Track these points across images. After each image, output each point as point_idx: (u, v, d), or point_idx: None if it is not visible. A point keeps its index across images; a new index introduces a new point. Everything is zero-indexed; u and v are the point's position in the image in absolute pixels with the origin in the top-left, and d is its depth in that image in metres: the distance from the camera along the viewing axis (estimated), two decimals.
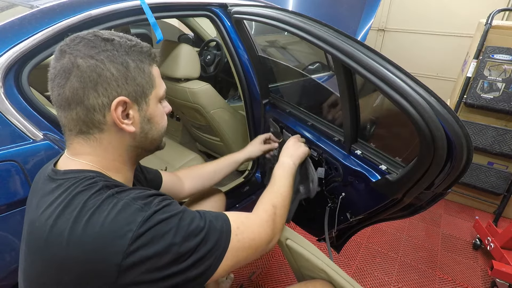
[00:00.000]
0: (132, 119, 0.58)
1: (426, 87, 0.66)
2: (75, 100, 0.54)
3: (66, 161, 0.60)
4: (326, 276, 0.90)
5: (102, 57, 0.53)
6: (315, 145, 1.11)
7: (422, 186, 0.77)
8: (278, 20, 0.95)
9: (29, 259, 0.55)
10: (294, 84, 1.44)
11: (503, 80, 1.84)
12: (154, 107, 0.62)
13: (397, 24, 3.35)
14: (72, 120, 0.56)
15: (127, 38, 0.58)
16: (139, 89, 0.58)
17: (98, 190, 0.52)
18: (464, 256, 1.82)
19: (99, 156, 0.59)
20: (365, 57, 0.71)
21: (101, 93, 0.54)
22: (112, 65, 0.54)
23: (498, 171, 2.00)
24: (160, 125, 0.65)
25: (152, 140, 0.64)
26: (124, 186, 0.57)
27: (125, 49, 0.56)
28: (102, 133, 0.57)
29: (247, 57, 1.42)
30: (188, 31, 2.75)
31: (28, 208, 0.61)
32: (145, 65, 0.59)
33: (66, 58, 0.53)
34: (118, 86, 0.55)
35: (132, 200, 0.52)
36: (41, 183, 0.60)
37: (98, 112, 0.55)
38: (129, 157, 0.63)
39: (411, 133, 0.72)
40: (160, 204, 0.54)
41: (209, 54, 2.15)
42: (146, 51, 0.60)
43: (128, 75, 0.56)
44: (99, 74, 0.53)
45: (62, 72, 0.53)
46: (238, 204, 1.56)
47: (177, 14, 1.32)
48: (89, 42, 0.54)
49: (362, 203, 1.00)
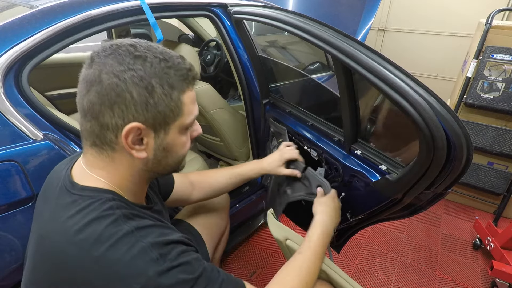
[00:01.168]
0: (145, 146, 0.55)
1: (426, 87, 0.66)
2: (91, 114, 0.52)
3: (82, 172, 0.58)
4: (326, 276, 0.90)
5: (126, 76, 0.50)
6: (315, 145, 1.11)
7: (422, 186, 0.77)
8: (278, 20, 0.95)
9: (34, 269, 0.54)
10: (294, 84, 1.44)
11: (503, 80, 1.84)
12: (175, 136, 0.57)
13: (397, 24, 3.35)
14: (86, 130, 0.54)
15: (163, 57, 0.53)
16: (159, 116, 0.53)
17: (115, 221, 0.50)
18: (464, 256, 1.82)
19: (111, 173, 0.57)
20: (365, 57, 0.71)
21: (116, 113, 0.51)
22: (135, 88, 0.50)
23: (498, 171, 2.00)
24: (178, 154, 0.60)
25: (166, 166, 0.61)
26: (142, 216, 0.55)
27: (157, 70, 0.51)
28: (114, 152, 0.55)
29: (247, 57, 1.42)
30: (188, 31, 2.74)
31: (39, 215, 0.60)
32: (174, 91, 0.53)
33: (93, 68, 0.51)
34: (136, 111, 0.51)
35: (150, 247, 0.49)
36: (55, 191, 0.58)
37: (110, 132, 0.53)
38: (141, 179, 0.61)
39: (411, 133, 0.72)
40: (177, 259, 0.50)
41: (209, 54, 2.15)
42: (182, 74, 0.54)
43: (149, 101, 0.51)
44: (118, 94, 0.50)
45: (85, 82, 0.52)
46: (238, 204, 1.56)
47: (177, 14, 1.32)
48: (119, 57, 0.50)
49: (362, 203, 1.00)
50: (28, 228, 0.83)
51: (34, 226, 0.61)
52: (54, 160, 0.86)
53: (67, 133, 0.93)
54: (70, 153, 0.89)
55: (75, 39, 0.95)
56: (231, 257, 1.72)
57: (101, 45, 0.53)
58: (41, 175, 0.83)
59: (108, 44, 0.53)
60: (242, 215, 1.70)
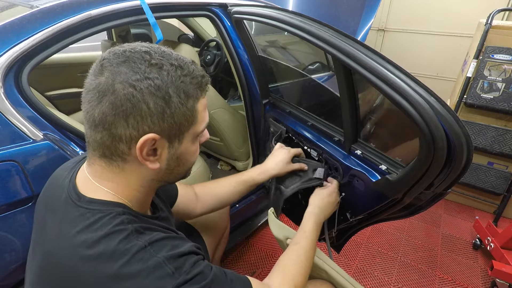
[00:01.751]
0: (159, 156, 0.53)
1: (426, 87, 0.66)
2: (103, 125, 0.49)
3: (88, 183, 0.56)
4: (327, 275, 0.90)
5: (143, 86, 0.47)
6: (315, 145, 1.11)
7: (422, 186, 0.77)
8: (278, 20, 0.95)
9: (40, 286, 0.53)
10: (294, 84, 1.44)
11: (503, 80, 1.84)
12: (188, 144, 0.56)
13: (397, 24, 3.35)
14: (95, 141, 0.52)
15: (179, 65, 0.51)
16: (175, 126, 0.52)
17: (128, 237, 0.49)
18: (464, 256, 1.82)
19: (121, 184, 0.55)
20: (365, 57, 0.71)
21: (131, 125, 0.49)
22: (152, 98, 0.48)
23: (498, 171, 2.00)
24: (189, 162, 0.60)
25: (177, 175, 0.60)
26: (153, 229, 0.54)
27: (173, 79, 0.49)
28: (125, 163, 0.53)
29: (247, 57, 1.42)
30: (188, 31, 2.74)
31: (42, 227, 0.57)
32: (190, 100, 0.52)
33: (104, 77, 0.48)
34: (152, 122, 0.49)
35: (165, 261, 0.49)
36: (60, 202, 0.56)
37: (123, 143, 0.50)
38: (150, 189, 0.59)
39: (411, 133, 0.72)
40: (191, 271, 0.50)
41: (209, 54, 2.15)
42: (198, 82, 0.53)
43: (166, 111, 0.49)
44: (134, 105, 0.47)
45: (96, 91, 0.48)
46: (238, 204, 1.56)
47: (177, 14, 1.32)
48: (133, 65, 0.48)
49: (362, 203, 1.00)
50: (28, 228, 0.84)
51: (37, 238, 0.58)
52: (54, 160, 0.86)
53: (67, 133, 0.93)
54: (70, 153, 0.89)
55: (75, 39, 0.95)
56: (231, 257, 1.72)
57: (112, 51, 0.50)
58: (41, 175, 0.83)
59: (121, 50, 0.50)
60: (242, 215, 1.70)
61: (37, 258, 0.55)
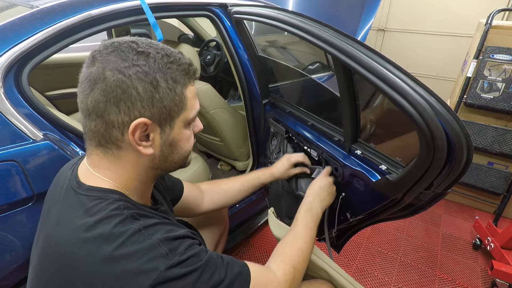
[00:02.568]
0: (151, 142, 0.55)
1: (426, 87, 0.66)
2: (96, 112, 0.51)
3: (87, 173, 0.58)
4: (327, 275, 0.90)
5: (131, 72, 0.50)
6: (315, 145, 1.11)
7: (422, 186, 0.77)
8: (278, 20, 0.95)
9: (40, 270, 0.54)
10: (294, 84, 1.44)
11: (503, 80, 1.84)
12: (179, 130, 0.58)
13: (397, 24, 3.35)
14: (91, 130, 0.54)
15: (165, 53, 0.53)
16: (165, 111, 0.54)
17: (123, 221, 0.51)
18: (464, 256, 1.82)
19: (117, 173, 0.57)
20: (365, 57, 0.71)
21: (122, 110, 0.51)
22: (140, 83, 0.50)
23: (498, 171, 2.00)
24: (183, 149, 0.61)
25: (172, 163, 0.61)
26: (148, 215, 0.55)
27: (160, 65, 0.52)
28: (119, 150, 0.55)
29: (247, 57, 1.42)
30: (188, 31, 2.75)
31: (45, 217, 0.59)
32: (178, 86, 0.54)
33: (95, 66, 0.51)
34: (142, 107, 0.51)
35: (159, 242, 0.50)
36: (62, 191, 0.58)
37: (116, 129, 0.52)
38: (147, 177, 0.61)
39: (411, 133, 0.72)
40: (185, 253, 0.51)
41: (209, 54, 2.15)
42: (184, 69, 0.55)
43: (155, 96, 0.52)
44: (124, 91, 0.50)
45: (88, 80, 0.51)
46: (238, 204, 1.56)
47: (177, 14, 1.32)
48: (121, 54, 0.51)
49: (362, 203, 1.00)
50: (28, 228, 0.84)
51: (40, 226, 0.61)
52: (54, 160, 0.86)
53: (67, 133, 0.93)
54: (70, 153, 0.89)
55: (75, 39, 0.95)
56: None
57: (102, 44, 0.53)
58: (41, 175, 0.84)
59: (109, 42, 0.53)
60: (242, 215, 1.70)
61: (38, 244, 0.57)
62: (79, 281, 0.49)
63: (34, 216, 0.84)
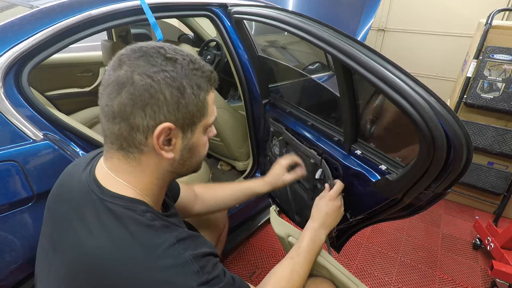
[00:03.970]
0: (173, 146, 0.56)
1: (426, 87, 0.66)
2: (121, 115, 0.52)
3: (107, 177, 0.57)
4: (328, 273, 0.90)
5: (160, 77, 0.51)
6: (315, 145, 1.11)
7: (422, 186, 0.77)
8: (278, 20, 0.95)
9: (71, 280, 0.53)
10: (294, 84, 1.43)
11: (503, 80, 1.84)
12: (199, 136, 0.59)
13: (397, 24, 3.35)
14: (114, 134, 0.54)
15: (190, 59, 0.55)
16: (188, 116, 0.55)
17: (157, 232, 0.53)
18: (464, 256, 1.82)
19: (137, 177, 0.57)
20: (365, 57, 0.71)
21: (148, 114, 0.51)
22: (168, 89, 0.51)
23: (498, 171, 2.00)
24: (200, 154, 0.63)
25: (189, 167, 0.63)
26: (172, 227, 0.57)
27: (186, 72, 0.53)
28: (141, 154, 0.56)
29: (247, 57, 1.42)
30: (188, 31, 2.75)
31: (63, 223, 0.58)
32: (201, 92, 0.55)
33: (123, 70, 0.51)
34: (167, 111, 0.52)
35: (192, 259, 0.52)
36: (79, 195, 0.57)
37: (141, 133, 0.53)
38: (164, 181, 0.62)
39: (411, 133, 0.72)
40: (212, 272, 0.54)
41: (209, 54, 2.15)
42: (207, 75, 0.56)
43: (181, 101, 0.53)
44: (152, 95, 0.51)
45: (115, 84, 0.51)
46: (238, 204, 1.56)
47: (177, 14, 1.32)
48: (150, 59, 0.51)
49: (362, 203, 1.00)
50: (28, 228, 0.84)
51: (60, 234, 0.58)
52: (54, 160, 0.86)
53: (67, 133, 0.93)
54: (70, 153, 0.89)
55: (75, 39, 0.95)
56: (231, 257, 1.72)
57: (129, 48, 0.54)
58: (41, 175, 0.84)
59: (137, 46, 0.53)
60: (242, 215, 1.70)
61: (63, 252, 0.56)
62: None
63: (34, 216, 0.84)
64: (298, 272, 0.82)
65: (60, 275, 0.55)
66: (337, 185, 0.97)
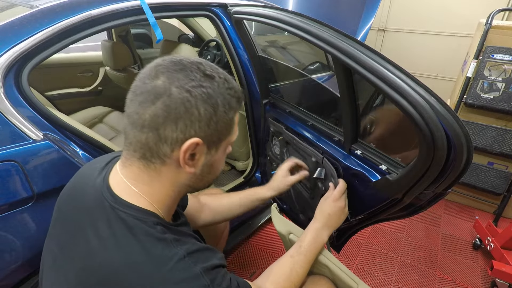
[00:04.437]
0: (196, 161, 0.56)
1: (426, 87, 0.66)
2: (151, 125, 0.51)
3: (122, 185, 0.57)
4: (329, 271, 0.90)
5: (197, 93, 0.51)
6: (315, 145, 1.11)
7: (422, 186, 0.77)
8: (278, 20, 0.95)
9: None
10: (294, 84, 1.44)
11: (503, 80, 1.84)
12: (221, 153, 0.60)
13: (397, 24, 3.35)
14: (139, 142, 0.53)
15: (225, 78, 0.56)
16: (216, 134, 0.56)
17: (168, 245, 0.53)
18: (464, 256, 1.82)
19: (154, 188, 0.57)
20: (365, 57, 0.71)
21: (179, 128, 0.51)
22: (203, 105, 0.52)
23: (498, 171, 2.00)
24: (218, 170, 0.63)
25: (206, 182, 0.63)
26: (184, 240, 0.57)
27: (221, 90, 0.54)
28: (162, 165, 0.55)
29: (247, 57, 1.42)
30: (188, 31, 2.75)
31: (73, 227, 0.58)
32: (231, 111, 0.56)
33: (160, 80, 0.51)
34: (199, 127, 0.52)
35: (202, 272, 0.53)
36: (93, 201, 0.57)
37: (168, 145, 0.53)
38: (179, 194, 0.62)
39: (411, 133, 0.72)
40: (222, 283, 0.55)
41: (209, 54, 2.15)
42: (238, 96, 0.58)
43: (212, 118, 0.53)
44: (187, 109, 0.51)
45: (151, 93, 0.51)
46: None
47: (177, 14, 1.32)
48: (190, 73, 0.52)
49: (362, 203, 1.00)
50: (28, 228, 0.84)
51: (68, 238, 0.58)
52: (54, 160, 0.86)
53: (67, 133, 0.93)
54: (70, 153, 0.89)
55: (75, 39, 0.95)
56: (231, 257, 1.72)
57: (168, 59, 0.54)
58: (41, 175, 0.84)
59: (177, 59, 0.54)
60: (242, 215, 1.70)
61: (72, 258, 0.56)
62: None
63: (34, 216, 0.84)
64: (297, 271, 0.82)
65: (69, 280, 0.55)
66: (340, 185, 0.97)
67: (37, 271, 0.90)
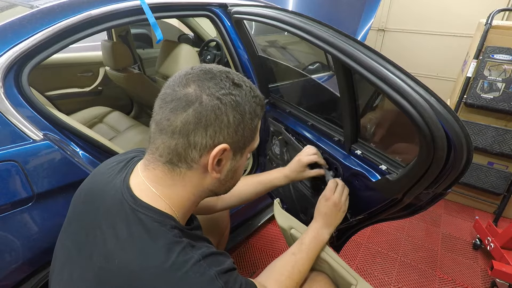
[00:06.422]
0: (221, 167, 0.58)
1: (426, 87, 0.66)
2: (182, 132, 0.53)
3: (143, 187, 0.58)
4: (329, 267, 0.90)
5: (227, 100, 0.53)
6: (315, 145, 1.11)
7: (422, 186, 0.77)
8: (278, 20, 0.95)
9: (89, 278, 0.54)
10: (294, 84, 1.44)
11: (503, 80, 1.84)
12: (244, 159, 0.63)
13: (397, 24, 3.35)
14: (168, 147, 0.54)
15: (250, 87, 0.58)
16: (242, 140, 0.58)
17: (184, 249, 0.53)
18: (464, 256, 1.82)
19: (176, 191, 0.58)
20: (365, 57, 0.71)
21: (209, 134, 0.53)
22: (232, 112, 0.54)
23: (498, 171, 2.00)
24: (239, 176, 0.66)
25: (227, 188, 0.65)
26: (199, 245, 0.57)
27: (248, 98, 0.57)
28: (188, 170, 0.56)
29: (247, 57, 1.42)
30: (188, 31, 2.75)
31: (91, 226, 0.58)
32: (256, 118, 0.59)
33: (192, 88, 0.53)
34: (227, 134, 0.55)
35: (217, 276, 0.54)
36: (112, 202, 0.57)
37: (197, 151, 0.54)
38: (200, 198, 0.63)
39: (411, 133, 0.72)
40: (234, 286, 0.56)
41: (209, 54, 2.15)
42: (262, 104, 0.60)
43: (240, 125, 0.56)
44: (217, 116, 0.53)
45: (182, 101, 0.52)
46: None
47: (177, 14, 1.32)
48: (220, 82, 0.54)
49: (362, 203, 1.00)
50: (29, 228, 0.84)
51: (86, 236, 0.58)
52: (54, 160, 0.86)
53: (67, 133, 0.93)
54: (70, 153, 0.89)
55: (75, 39, 0.95)
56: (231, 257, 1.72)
57: (197, 68, 0.56)
58: (41, 175, 0.84)
59: (206, 68, 0.56)
60: (242, 215, 1.70)
61: (89, 257, 0.56)
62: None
63: (34, 216, 0.84)
64: (299, 268, 0.83)
65: (86, 279, 0.55)
66: (328, 184, 0.98)
67: (37, 271, 0.91)
